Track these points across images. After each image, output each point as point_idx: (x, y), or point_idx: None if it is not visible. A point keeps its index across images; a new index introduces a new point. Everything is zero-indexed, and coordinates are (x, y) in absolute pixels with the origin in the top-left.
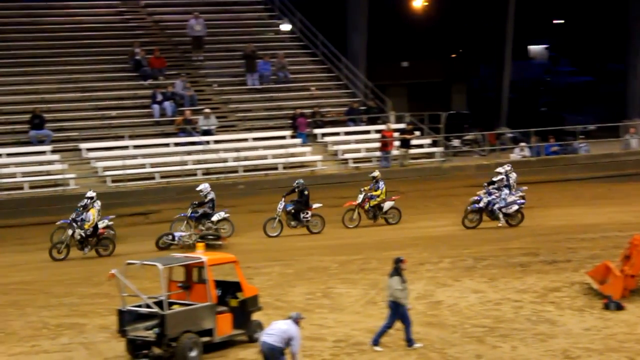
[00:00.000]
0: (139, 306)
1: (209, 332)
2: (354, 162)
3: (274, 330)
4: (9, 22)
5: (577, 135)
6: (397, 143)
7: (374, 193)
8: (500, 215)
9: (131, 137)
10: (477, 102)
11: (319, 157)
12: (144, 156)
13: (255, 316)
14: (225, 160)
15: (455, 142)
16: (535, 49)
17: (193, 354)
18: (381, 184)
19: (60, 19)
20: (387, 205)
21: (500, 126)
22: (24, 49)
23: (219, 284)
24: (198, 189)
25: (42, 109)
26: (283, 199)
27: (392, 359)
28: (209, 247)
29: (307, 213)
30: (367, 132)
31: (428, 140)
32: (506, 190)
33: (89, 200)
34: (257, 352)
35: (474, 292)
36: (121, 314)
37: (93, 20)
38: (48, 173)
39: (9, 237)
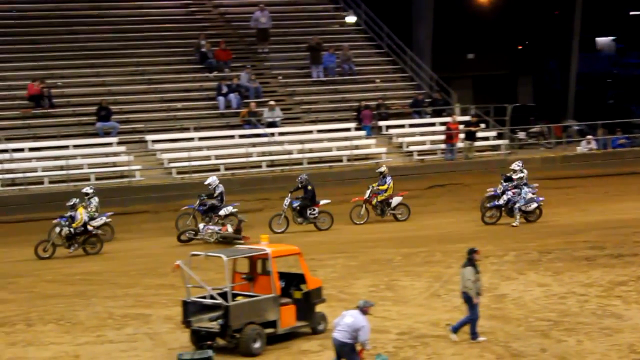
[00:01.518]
0: (204, 297)
1: (272, 324)
2: (419, 155)
3: (342, 325)
4: (77, 15)
5: None
6: (462, 135)
7: (381, 188)
8: (518, 215)
9: (196, 129)
10: (543, 95)
11: (383, 150)
12: (209, 148)
13: (319, 308)
14: (289, 153)
15: (521, 135)
16: (602, 41)
17: (257, 345)
18: (388, 179)
19: (127, 11)
20: (395, 201)
21: (566, 119)
22: (92, 41)
23: (283, 275)
24: (207, 182)
25: (109, 101)
26: (290, 195)
27: (455, 352)
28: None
29: (314, 210)
30: (432, 124)
31: (493, 133)
32: (526, 189)
33: (77, 200)
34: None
35: (539, 285)
36: (186, 305)
37: (160, 13)
38: (114, 165)
39: None
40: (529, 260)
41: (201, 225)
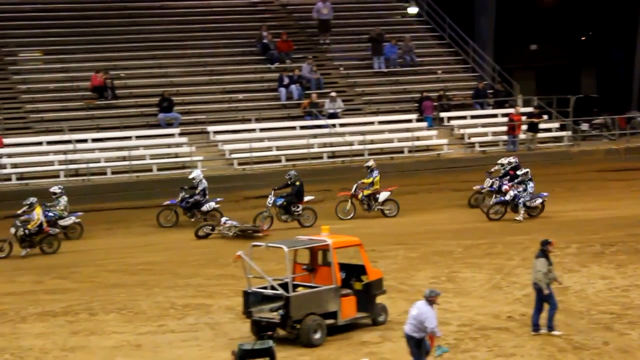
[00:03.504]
0: (264, 288)
1: (333, 315)
2: (481, 146)
3: (409, 317)
4: (140, 7)
5: None
6: (524, 127)
7: (366, 182)
8: (522, 211)
9: (258, 120)
10: (606, 86)
11: (444, 141)
12: (270, 139)
13: (380, 299)
14: (350, 144)
15: (584, 126)
16: None
17: (317, 336)
18: (375, 173)
19: (190, 2)
20: (382, 196)
21: (630, 110)
22: (154, 32)
23: (344, 266)
24: (190, 176)
25: (171, 92)
26: (273, 193)
27: (517, 344)
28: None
29: (298, 207)
30: (494, 115)
31: (556, 124)
32: (532, 184)
33: (35, 200)
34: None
35: (602, 278)
36: (246, 295)
37: (222, 4)
38: (176, 155)
39: (137, 218)
40: (591, 252)
41: (223, 219)
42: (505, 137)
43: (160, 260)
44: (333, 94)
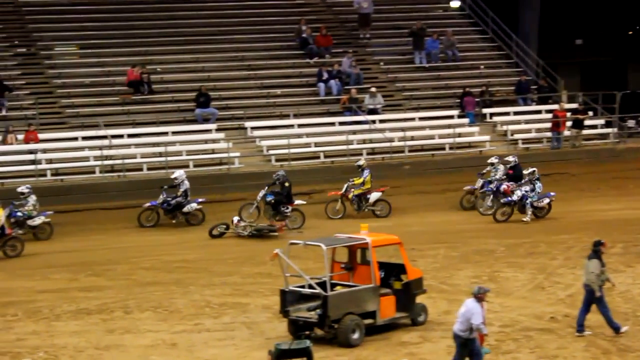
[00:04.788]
0: (302, 287)
1: (371, 315)
2: (524, 143)
3: (458, 316)
4: (176, 0)
5: None
6: (569, 123)
7: (356, 182)
8: (529, 211)
9: (296, 115)
10: None
11: (487, 137)
12: (309, 135)
13: (420, 299)
14: (391, 140)
15: (631, 123)
16: None
17: (355, 336)
18: (365, 173)
19: None
20: (373, 196)
21: None
22: (191, 27)
23: (383, 265)
24: (173, 176)
25: (208, 87)
26: (266, 188)
27: (560, 345)
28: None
29: (287, 207)
30: (538, 111)
31: (602, 121)
32: (539, 184)
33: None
34: None
35: None
36: (284, 294)
37: None
38: (213, 151)
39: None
40: (637, 252)
41: (235, 219)
42: (549, 134)
43: (196, 258)
44: (373, 89)
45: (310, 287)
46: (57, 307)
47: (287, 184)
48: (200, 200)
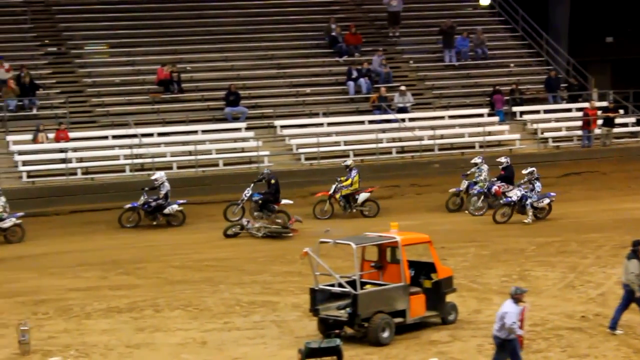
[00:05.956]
0: (332, 285)
1: (401, 313)
2: (554, 141)
3: (496, 317)
4: None
5: None
6: (599, 121)
7: (344, 183)
8: (530, 212)
9: (325, 114)
10: None
11: (517, 136)
12: (338, 134)
13: (450, 298)
14: (420, 139)
15: None
16: None
17: (385, 334)
18: (353, 173)
19: None
20: (362, 196)
21: None
22: (221, 25)
23: (413, 264)
24: (153, 177)
25: (238, 86)
26: (252, 186)
27: (591, 345)
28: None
29: (274, 207)
30: (569, 110)
31: (633, 119)
32: (539, 184)
33: None
34: None
35: None
36: (313, 292)
37: None
38: (242, 150)
39: (202, 213)
40: None
41: (244, 221)
42: (579, 132)
43: (226, 257)
44: (402, 87)
45: (340, 285)
46: (87, 306)
47: (273, 182)
48: (180, 201)
